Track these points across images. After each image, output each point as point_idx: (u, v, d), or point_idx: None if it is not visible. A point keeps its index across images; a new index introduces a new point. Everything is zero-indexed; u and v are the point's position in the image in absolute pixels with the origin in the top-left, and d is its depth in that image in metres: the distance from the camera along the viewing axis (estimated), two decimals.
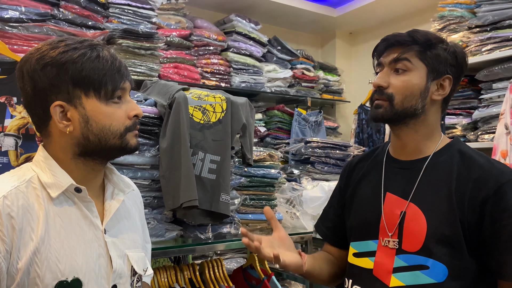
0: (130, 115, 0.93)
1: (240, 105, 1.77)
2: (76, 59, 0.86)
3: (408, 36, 1.07)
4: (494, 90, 2.55)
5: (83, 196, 0.91)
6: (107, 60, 0.89)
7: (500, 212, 0.96)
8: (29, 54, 0.88)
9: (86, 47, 0.88)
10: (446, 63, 1.06)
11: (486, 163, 1.02)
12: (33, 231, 0.84)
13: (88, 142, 0.89)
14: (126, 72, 0.93)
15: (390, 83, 1.07)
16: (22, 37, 2.05)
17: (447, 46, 1.08)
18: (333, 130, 3.78)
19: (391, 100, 1.06)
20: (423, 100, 1.06)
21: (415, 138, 1.09)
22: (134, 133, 0.95)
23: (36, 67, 0.86)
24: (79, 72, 0.86)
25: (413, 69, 1.06)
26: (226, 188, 1.67)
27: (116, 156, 0.98)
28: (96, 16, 2.39)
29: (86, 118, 0.89)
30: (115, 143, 0.92)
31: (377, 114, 1.09)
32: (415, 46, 1.06)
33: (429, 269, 0.99)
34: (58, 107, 0.87)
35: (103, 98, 0.89)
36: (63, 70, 0.86)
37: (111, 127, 0.90)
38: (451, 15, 2.76)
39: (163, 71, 2.69)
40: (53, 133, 0.91)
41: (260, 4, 3.29)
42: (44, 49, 0.88)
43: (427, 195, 1.04)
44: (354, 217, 1.18)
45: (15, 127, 1.47)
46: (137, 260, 0.99)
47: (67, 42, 0.88)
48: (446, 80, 1.07)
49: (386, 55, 1.10)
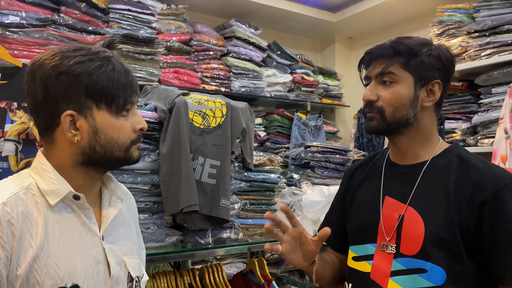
0: (136, 129, 0.94)
1: (240, 109, 1.78)
2: (92, 71, 0.87)
3: (390, 48, 1.06)
4: (493, 94, 2.56)
5: (82, 204, 0.91)
6: (121, 74, 0.90)
7: (498, 216, 0.96)
8: (43, 60, 0.88)
9: (102, 59, 0.89)
10: (432, 68, 1.06)
11: (484, 167, 1.02)
12: (33, 238, 0.84)
13: (94, 152, 0.90)
14: (136, 86, 0.95)
15: (379, 96, 1.07)
16: (23, 42, 2.05)
17: (431, 50, 1.06)
18: (332, 134, 3.78)
19: (382, 112, 1.07)
20: (414, 109, 1.06)
21: (412, 145, 1.10)
22: (137, 145, 0.97)
23: (51, 74, 0.86)
24: (94, 84, 0.87)
25: (399, 80, 1.05)
26: (226, 193, 1.67)
27: (118, 167, 1.00)
28: (97, 21, 2.39)
29: (95, 129, 0.89)
30: (119, 155, 0.93)
31: (371, 126, 1.10)
32: (398, 58, 1.05)
33: (427, 272, 0.99)
34: (68, 117, 0.87)
35: (114, 111, 0.90)
36: (78, 80, 0.86)
37: (119, 140, 0.91)
38: (450, 20, 2.77)
39: (163, 76, 2.70)
40: (58, 140, 0.91)
41: (260, 9, 3.30)
42: (59, 56, 0.88)
43: (425, 199, 1.04)
44: (353, 221, 1.18)
45: (15, 132, 1.47)
46: (133, 266, 0.99)
47: (82, 52, 0.89)
48: (435, 85, 1.07)
49: (371, 68, 1.10)
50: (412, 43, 1.06)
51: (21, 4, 2.13)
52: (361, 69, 1.14)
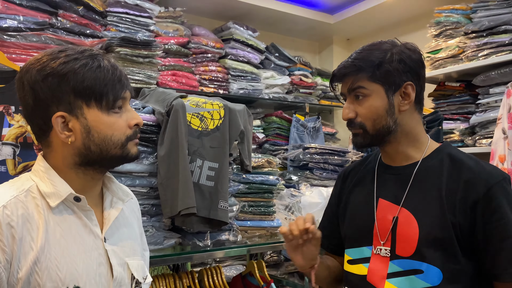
0: (131, 124, 0.94)
1: (238, 111, 1.78)
2: (77, 69, 0.86)
3: (352, 65, 1.08)
4: (491, 95, 2.56)
5: (83, 205, 0.91)
6: (108, 70, 0.89)
7: (491, 214, 0.96)
8: (29, 65, 0.88)
9: (87, 57, 0.88)
10: (399, 73, 1.05)
11: (475, 165, 1.03)
12: (33, 241, 0.84)
13: (90, 152, 0.90)
14: (126, 81, 0.93)
15: (357, 112, 1.08)
16: (20, 46, 2.06)
17: (393, 56, 1.06)
18: (331, 136, 3.78)
19: (364, 128, 1.08)
20: (392, 116, 1.06)
21: (400, 148, 1.11)
22: (134, 141, 0.96)
23: (37, 78, 0.86)
24: (81, 82, 0.87)
25: (371, 93, 1.06)
26: (225, 195, 1.67)
27: (116, 165, 0.99)
28: (94, 24, 2.40)
29: (88, 128, 0.89)
30: (116, 153, 0.92)
31: (357, 142, 1.12)
32: (362, 73, 1.06)
33: (424, 273, 0.99)
34: (59, 118, 0.87)
35: (105, 108, 0.90)
36: (64, 81, 0.86)
37: (113, 137, 0.91)
38: (447, 21, 2.78)
39: (161, 78, 2.70)
40: (53, 143, 0.91)
41: (258, 11, 3.31)
42: (44, 59, 0.88)
43: (418, 200, 1.05)
44: (348, 224, 1.18)
45: (13, 136, 1.47)
46: (137, 268, 0.99)
47: (68, 53, 0.89)
48: (408, 87, 1.07)
49: (343, 85, 1.12)
50: (374, 55, 1.06)
51: (19, 8, 2.14)
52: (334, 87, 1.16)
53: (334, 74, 1.13)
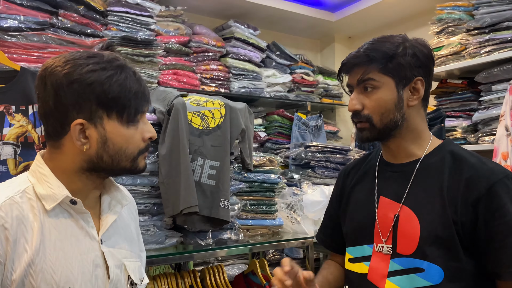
0: (145, 138, 0.93)
1: (238, 110, 1.77)
2: (104, 80, 0.86)
3: (365, 55, 1.05)
4: (493, 92, 2.55)
5: (79, 208, 0.90)
6: (134, 83, 0.89)
7: (493, 212, 0.95)
8: (55, 66, 0.87)
9: (115, 68, 0.87)
10: (411, 67, 1.04)
11: (477, 162, 1.01)
12: (28, 243, 0.83)
13: (101, 161, 0.89)
14: (148, 95, 0.93)
15: (364, 104, 1.06)
16: (21, 46, 2.05)
17: (406, 49, 1.04)
18: (333, 134, 3.77)
19: (370, 121, 1.06)
20: (400, 110, 1.05)
21: (403, 144, 1.09)
22: (144, 155, 0.95)
23: (63, 81, 0.85)
24: (106, 94, 0.86)
25: (380, 86, 1.04)
26: (226, 194, 1.67)
27: (122, 175, 0.98)
28: (95, 24, 2.39)
29: (105, 139, 0.88)
30: (126, 165, 0.92)
31: (362, 137, 1.09)
32: (374, 64, 1.04)
33: (425, 271, 0.98)
34: (78, 125, 0.86)
35: (125, 120, 0.89)
36: (89, 89, 0.85)
37: (127, 150, 0.90)
38: (449, 18, 2.76)
39: (162, 77, 2.70)
40: (65, 147, 0.89)
41: (259, 9, 3.30)
42: (71, 64, 0.86)
43: (419, 197, 1.03)
44: (349, 222, 1.18)
45: (13, 136, 1.47)
46: (134, 269, 0.98)
47: (95, 60, 0.87)
48: (418, 83, 1.05)
49: (351, 76, 1.09)
50: (386, 46, 1.04)
51: (19, 8, 2.14)
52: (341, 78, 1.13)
53: (344, 64, 1.10)
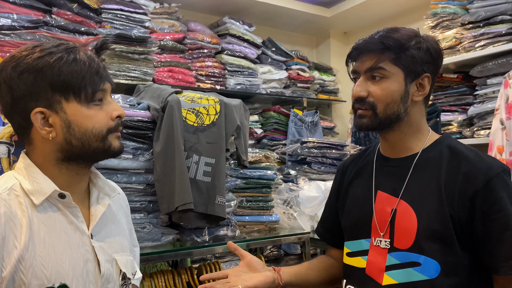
0: (113, 116, 0.92)
1: (234, 106, 1.77)
2: (53, 63, 0.85)
3: (379, 42, 1.03)
4: (488, 85, 2.55)
5: (68, 202, 0.90)
6: (84, 63, 0.87)
7: (490, 206, 0.95)
8: (4, 62, 0.87)
9: (62, 51, 0.87)
10: (422, 62, 1.03)
11: (475, 157, 1.01)
12: (17, 239, 0.83)
13: (71, 147, 0.88)
14: (105, 73, 0.91)
15: (370, 92, 1.05)
16: (15, 44, 2.04)
17: (420, 43, 1.04)
18: (329, 130, 3.77)
19: (374, 109, 1.05)
20: (404, 104, 1.04)
21: (402, 138, 1.09)
22: (116, 135, 0.94)
23: (13, 75, 0.85)
24: (57, 76, 0.85)
25: (390, 76, 1.03)
26: (222, 190, 1.67)
27: (100, 159, 0.96)
28: (89, 21, 2.39)
29: (68, 122, 0.87)
30: (97, 146, 0.90)
31: (362, 124, 1.07)
32: (388, 53, 1.03)
33: (421, 266, 0.98)
34: (38, 114, 0.86)
35: (84, 101, 0.88)
36: (40, 76, 0.84)
37: (93, 129, 0.89)
38: (444, 12, 2.77)
39: (157, 75, 2.69)
40: (35, 140, 0.89)
41: (253, 5, 3.29)
42: (19, 55, 0.86)
43: (417, 192, 1.03)
44: (347, 217, 1.18)
45: (7, 135, 1.46)
46: (125, 264, 0.98)
47: (43, 47, 0.87)
48: (425, 79, 1.05)
49: (360, 63, 1.07)
50: (401, 36, 1.03)
51: (12, 6, 2.13)
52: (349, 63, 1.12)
53: (355, 48, 1.08)
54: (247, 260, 1.14)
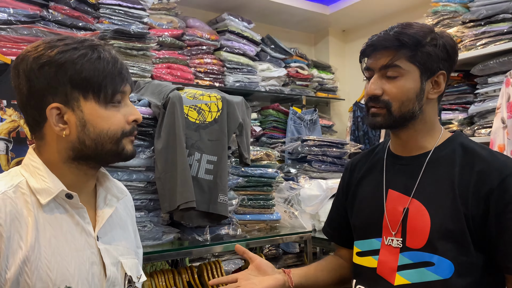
0: (129, 120, 0.89)
1: (236, 104, 1.74)
2: (76, 59, 0.82)
3: (395, 39, 1.00)
4: (489, 84, 2.54)
5: (75, 203, 0.87)
6: (108, 62, 0.85)
7: (505, 205, 0.93)
8: (26, 52, 0.84)
9: (87, 47, 0.84)
10: (438, 59, 1.01)
11: (488, 155, 0.99)
12: (22, 239, 0.80)
13: (84, 146, 0.85)
14: (127, 74, 0.89)
15: (384, 90, 1.02)
16: (11, 39, 2.01)
17: (436, 40, 1.01)
18: (328, 128, 3.76)
19: (389, 107, 1.02)
20: (419, 102, 1.02)
21: (415, 136, 1.07)
22: (130, 138, 0.91)
23: (33, 66, 0.82)
24: (79, 73, 0.82)
25: (405, 74, 1.01)
26: (224, 188, 1.64)
27: (111, 162, 0.94)
28: (87, 16, 2.34)
29: (84, 122, 0.84)
30: (111, 148, 0.88)
31: (376, 122, 1.05)
32: (404, 50, 1.00)
33: (435, 265, 0.97)
34: (54, 110, 0.83)
35: (102, 101, 0.85)
36: (61, 70, 0.82)
37: (109, 131, 0.86)
38: (444, 10, 2.75)
39: (155, 71, 2.66)
40: (47, 136, 0.86)
41: (253, 2, 3.26)
42: (42, 47, 0.83)
43: (429, 190, 1.01)
44: (357, 216, 1.16)
45: (5, 131, 1.43)
46: (130, 267, 0.95)
47: (67, 42, 0.84)
48: (440, 77, 1.03)
49: (374, 60, 1.05)
50: (417, 33, 1.00)
51: (9, 1, 2.08)
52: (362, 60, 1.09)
53: (369, 45, 1.05)
54: (257, 263, 1.12)
